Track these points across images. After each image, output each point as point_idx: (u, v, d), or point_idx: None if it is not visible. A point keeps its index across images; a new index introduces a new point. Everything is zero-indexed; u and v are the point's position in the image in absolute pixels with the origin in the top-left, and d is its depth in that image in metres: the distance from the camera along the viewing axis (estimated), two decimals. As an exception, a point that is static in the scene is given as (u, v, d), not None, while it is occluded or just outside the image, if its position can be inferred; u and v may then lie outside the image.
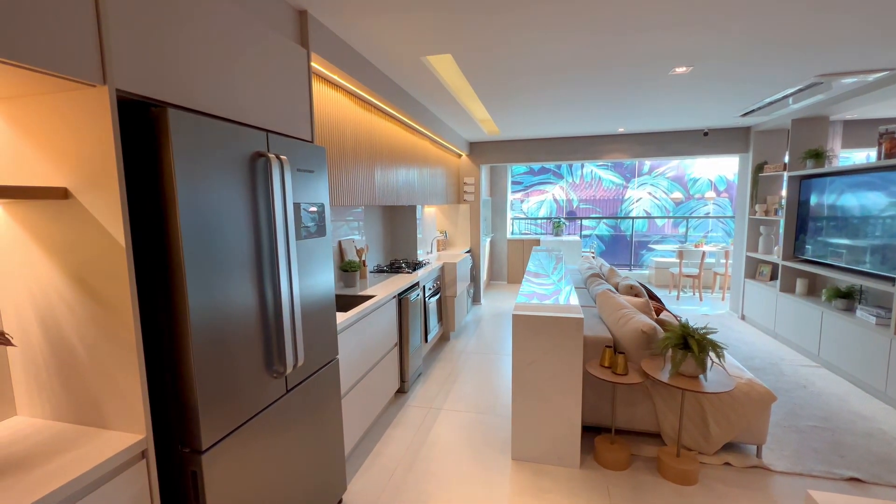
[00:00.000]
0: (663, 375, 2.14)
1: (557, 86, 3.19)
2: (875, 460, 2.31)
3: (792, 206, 4.29)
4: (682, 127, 5.03)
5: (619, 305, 2.71)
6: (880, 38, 2.34)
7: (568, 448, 2.29)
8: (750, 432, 2.33)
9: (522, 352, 2.28)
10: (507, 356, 3.98)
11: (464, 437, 2.61)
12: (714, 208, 7.75)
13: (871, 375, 3.09)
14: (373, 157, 2.99)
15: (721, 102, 3.82)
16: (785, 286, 4.34)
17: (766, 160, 4.84)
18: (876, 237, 3.26)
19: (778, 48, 2.48)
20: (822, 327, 3.66)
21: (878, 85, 3.13)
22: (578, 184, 8.22)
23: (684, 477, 2.16)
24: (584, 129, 5.09)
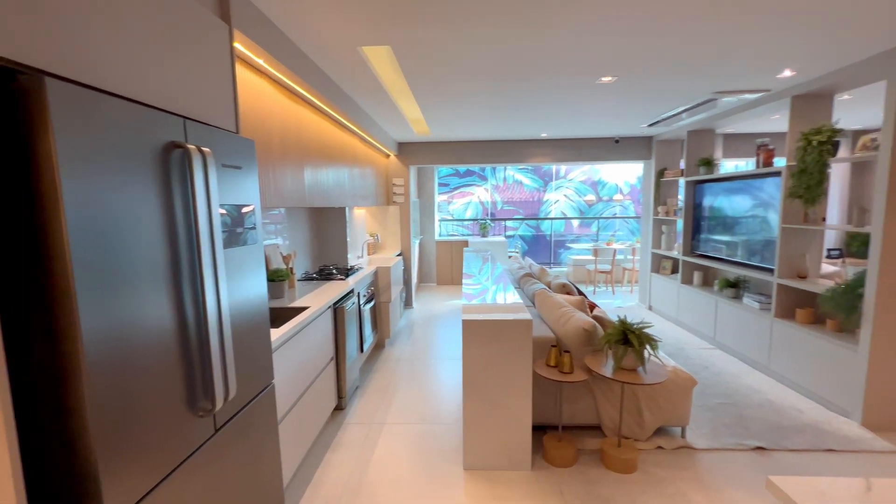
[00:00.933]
0: (606, 371, 2.23)
1: (493, 86, 3.20)
2: (771, 429, 2.66)
3: (688, 207, 4.85)
4: (598, 134, 5.43)
5: (559, 304, 2.79)
6: (763, 65, 2.71)
7: (520, 451, 2.28)
8: (676, 416, 2.54)
9: (473, 357, 2.22)
10: (446, 360, 3.91)
11: (412, 452, 2.48)
12: (619, 209, 8.54)
13: (757, 353, 3.59)
14: (302, 154, 2.72)
15: (633, 113, 4.17)
16: (685, 278, 4.89)
17: (666, 166, 5.42)
18: (754, 234, 3.79)
19: (686, 67, 2.74)
20: (716, 314, 4.18)
21: (755, 104, 3.65)
22: (502, 186, 8.50)
23: (626, 465, 2.27)
24: (511, 133, 5.24)
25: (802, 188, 3.08)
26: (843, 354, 2.78)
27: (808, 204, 3.10)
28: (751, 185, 3.86)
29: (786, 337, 3.26)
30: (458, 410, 2.96)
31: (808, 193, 3.06)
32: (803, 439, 2.53)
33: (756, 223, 3.78)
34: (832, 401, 2.87)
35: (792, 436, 2.57)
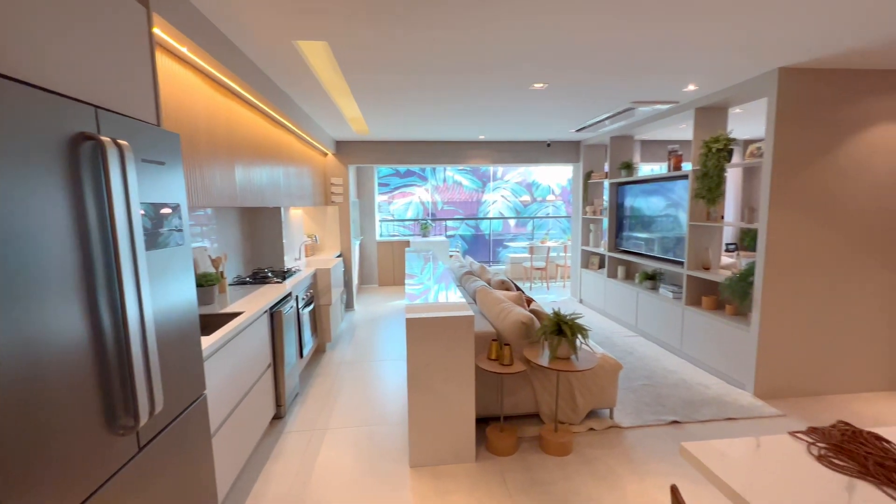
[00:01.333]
0: (543, 360, 2.36)
1: (433, 88, 3.25)
2: (684, 404, 2.98)
3: (612, 207, 5.26)
4: (532, 138, 5.70)
5: (499, 300, 2.90)
6: (671, 79, 3.03)
7: (464, 444, 2.35)
8: (605, 399, 2.76)
9: (417, 355, 2.24)
10: (389, 361, 3.89)
11: (357, 456, 2.44)
12: (552, 209, 9.03)
13: (671, 338, 3.99)
14: (233, 151, 2.56)
15: (563, 118, 4.45)
16: (610, 273, 5.30)
17: (592, 169, 5.84)
18: (668, 231, 4.22)
19: (608, 78, 2.99)
20: (637, 304, 4.59)
21: (666, 114, 4.06)
22: (441, 187, 8.61)
23: (562, 449, 2.42)
24: (450, 135, 5.34)
25: (705, 190, 3.49)
26: (738, 335, 3.20)
27: (709, 204, 3.51)
28: (664, 186, 4.29)
29: (694, 322, 3.67)
30: (402, 411, 2.97)
31: (709, 194, 3.47)
32: (709, 411, 2.87)
33: (669, 221, 4.21)
34: (731, 376, 3.28)
35: (700, 409, 2.90)
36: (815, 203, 2.92)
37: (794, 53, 2.55)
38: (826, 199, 2.92)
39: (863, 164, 2.92)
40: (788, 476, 1.09)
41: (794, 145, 2.86)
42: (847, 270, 3.00)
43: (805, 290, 2.99)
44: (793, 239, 2.93)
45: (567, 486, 2.16)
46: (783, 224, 2.92)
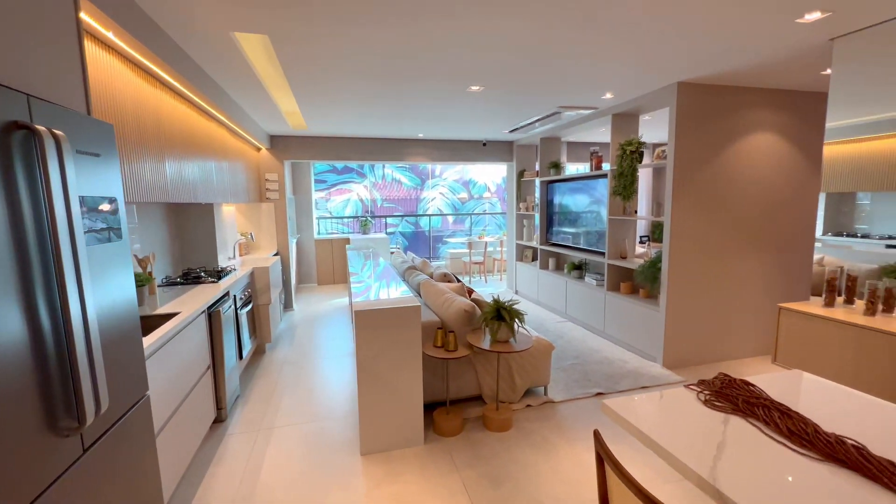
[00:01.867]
0: (485, 344, 2.55)
1: (373, 86, 3.30)
2: (606, 378, 3.35)
3: (543, 204, 5.66)
4: (469, 137, 5.93)
5: (442, 291, 3.05)
6: (591, 88, 3.38)
7: (413, 429, 2.46)
8: (539, 378, 3.02)
9: (367, 346, 2.32)
10: (332, 359, 3.88)
11: (306, 451, 2.46)
12: (488, 206, 9.41)
13: (596, 321, 4.43)
14: (162, 143, 2.43)
15: (497, 120, 4.70)
16: (542, 264, 5.70)
17: (525, 168, 6.21)
18: (591, 225, 4.66)
19: (537, 84, 3.25)
20: (566, 292, 5.00)
21: (588, 118, 4.48)
22: (381, 184, 8.59)
23: (503, 425, 2.63)
24: (390, 132, 5.39)
25: (621, 188, 3.92)
26: (650, 315, 3.65)
27: (625, 200, 3.95)
28: (588, 185, 4.72)
29: (614, 306, 4.11)
30: (349, 404, 3.01)
31: (624, 192, 3.90)
32: (627, 382, 3.26)
33: (592, 216, 4.64)
34: (645, 351, 3.74)
35: (620, 381, 3.29)
36: (708, 198, 3.43)
37: (689, 70, 2.98)
38: (715, 194, 3.44)
39: (742, 164, 3.48)
40: (682, 417, 1.35)
41: (691, 149, 3.33)
42: (732, 255, 3.56)
43: (701, 274, 3.49)
44: (691, 230, 3.42)
45: (508, 456, 2.36)
46: (683, 217, 3.39)
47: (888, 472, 1.01)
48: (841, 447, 1.11)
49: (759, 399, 1.38)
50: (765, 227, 3.61)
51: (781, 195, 3.61)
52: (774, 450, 1.16)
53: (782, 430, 1.23)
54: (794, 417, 1.27)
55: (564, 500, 2.01)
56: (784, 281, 3.74)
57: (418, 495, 2.06)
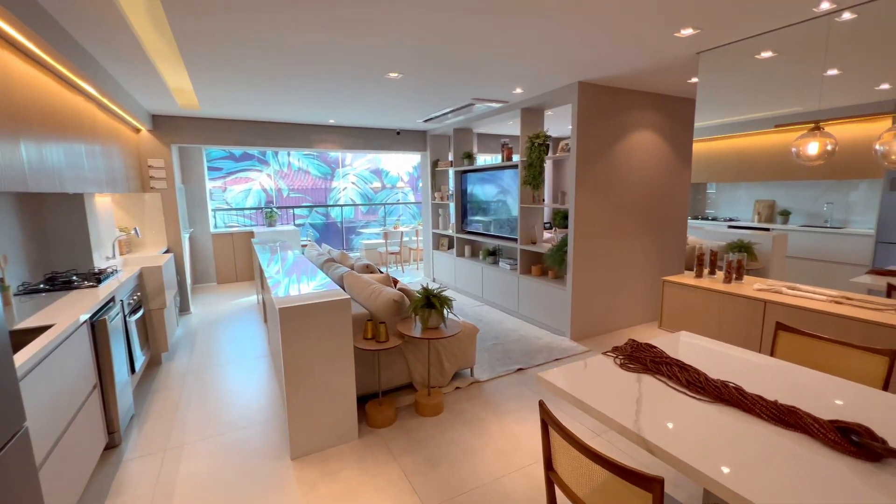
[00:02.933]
0: (416, 332, 2.58)
1: (282, 66, 3.06)
2: (524, 354, 3.62)
3: (457, 193, 5.82)
4: (383, 125, 5.81)
5: (368, 283, 2.99)
6: (503, 82, 3.55)
7: (347, 424, 2.40)
8: (466, 360, 3.15)
9: (294, 344, 2.19)
10: (244, 362, 3.58)
11: (227, 463, 2.25)
12: (401, 196, 9.36)
13: (511, 303, 4.73)
14: (15, 120, 1.96)
15: (413, 109, 4.69)
16: (458, 252, 5.88)
17: (439, 158, 6.31)
18: (504, 213, 4.94)
19: (454, 75, 3.32)
20: (482, 277, 5.24)
21: (499, 111, 4.69)
22: (287, 172, 8.00)
23: (435, 409, 2.70)
24: (298, 117, 5.03)
25: (531, 177, 4.21)
26: (558, 294, 4.01)
27: (534, 189, 4.25)
28: (499, 175, 4.97)
29: (527, 288, 4.43)
30: (271, 407, 2.82)
31: (534, 181, 4.20)
32: (542, 356, 3.56)
33: (505, 205, 4.91)
34: (555, 327, 4.11)
35: (536, 356, 3.58)
36: (604, 186, 3.85)
37: (589, 71, 3.30)
38: (610, 183, 3.89)
39: (630, 157, 3.97)
40: (605, 381, 1.53)
41: (590, 142, 3.71)
42: (624, 236, 4.06)
43: (600, 254, 3.94)
44: (591, 215, 3.82)
45: (443, 438, 2.44)
46: (585, 204, 3.77)
47: (759, 404, 1.28)
48: (725, 390, 1.37)
49: (661, 358, 1.63)
50: (649, 212, 4.19)
51: (661, 184, 4.21)
52: (678, 399, 1.39)
53: (682, 381, 1.47)
54: (690, 370, 1.52)
55: (498, 469, 2.15)
56: (664, 257, 4.39)
57: (359, 490, 2.03)
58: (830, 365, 1.72)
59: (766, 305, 2.39)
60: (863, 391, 1.42)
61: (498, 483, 2.06)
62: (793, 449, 1.12)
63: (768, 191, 6.66)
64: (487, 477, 2.11)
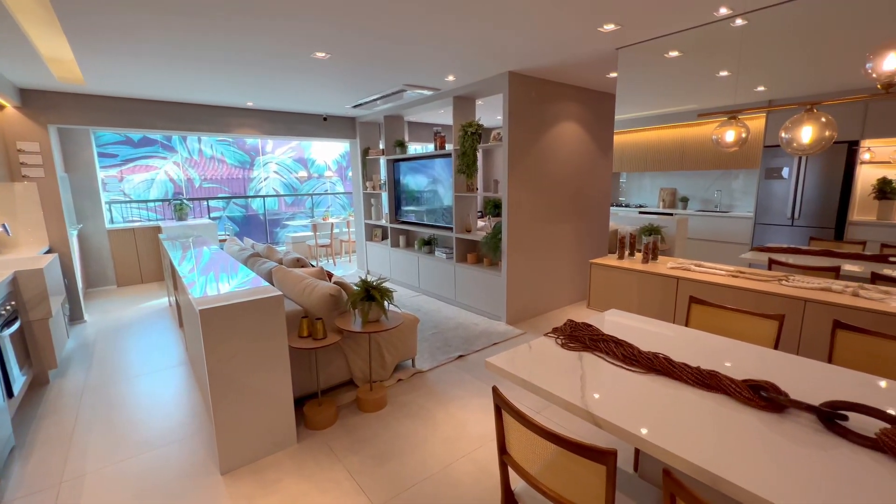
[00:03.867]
0: (356, 327, 2.47)
1: (189, 37, 2.71)
2: (463, 341, 3.66)
3: (390, 182, 5.69)
4: (308, 110, 5.46)
5: (300, 277, 2.80)
6: (435, 69, 3.50)
7: (284, 430, 2.25)
8: (407, 351, 3.11)
9: (219, 349, 1.98)
10: (156, 373, 3.19)
11: (143, 490, 1.99)
12: (330, 186, 8.95)
13: (448, 291, 4.76)
14: None
15: (341, 93, 4.45)
16: (393, 243, 5.78)
17: (369, 146, 6.10)
18: (439, 202, 4.93)
19: (385, 59, 3.19)
20: (419, 267, 5.21)
21: (431, 99, 4.64)
22: (198, 161, 7.22)
23: (378, 404, 2.63)
24: (209, 97, 4.53)
25: (464, 166, 4.24)
26: (493, 280, 4.12)
27: (468, 178, 4.29)
28: (433, 164, 4.94)
29: (463, 276, 4.49)
30: (195, 420, 2.54)
31: (467, 170, 4.23)
32: (481, 341, 3.63)
33: (439, 194, 4.89)
34: (492, 312, 4.22)
35: (475, 342, 3.64)
36: (534, 175, 4.00)
37: (517, 62, 3.36)
38: (540, 172, 4.04)
39: (558, 147, 4.16)
40: (549, 361, 1.58)
41: (521, 132, 3.81)
42: (553, 222, 4.27)
43: (532, 240, 4.09)
44: (523, 203, 3.95)
45: (388, 433, 2.38)
46: (517, 192, 3.88)
47: (686, 371, 1.40)
48: (656, 361, 1.48)
49: (598, 336, 1.72)
50: (576, 200, 4.43)
51: (586, 173, 4.47)
52: (616, 372, 1.48)
53: (618, 356, 1.57)
54: (624, 345, 1.63)
55: (446, 457, 2.16)
56: (590, 242, 4.69)
57: (301, 498, 1.91)
58: (733, 330, 1.95)
59: (678, 282, 2.65)
60: (761, 351, 1.63)
61: (447, 471, 2.07)
62: (715, 408, 1.24)
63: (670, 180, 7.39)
64: (436, 466, 2.10)
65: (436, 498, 1.90)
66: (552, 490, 1.16)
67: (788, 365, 1.51)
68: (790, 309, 2.23)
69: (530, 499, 1.34)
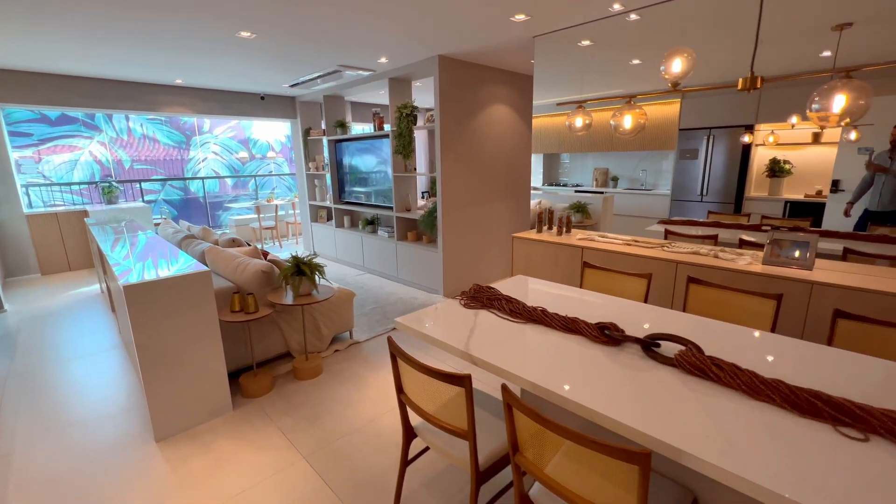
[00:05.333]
0: (288, 300, 2.61)
1: (97, 9, 2.63)
2: (401, 314, 3.89)
3: (333, 163, 5.72)
4: (243, 89, 5.33)
5: (233, 256, 2.88)
6: (369, 50, 3.59)
7: (218, 399, 2.38)
8: (344, 324, 3.29)
9: (147, 325, 2.06)
10: (88, 356, 3.18)
11: (77, 462, 2.07)
12: (274, 167, 8.75)
13: (390, 269, 4.95)
14: None
15: (276, 72, 4.41)
16: (338, 223, 5.85)
17: (311, 126, 6.06)
18: (380, 183, 5.05)
19: (317, 39, 3.24)
20: (363, 247, 5.34)
21: (368, 80, 4.70)
22: (128, 140, 6.82)
23: (314, 372, 2.81)
24: (132, 73, 4.34)
25: (401, 147, 4.38)
26: (431, 256, 4.34)
27: (405, 158, 4.44)
28: (374, 144, 5.03)
29: (404, 253, 4.68)
30: (130, 396, 2.61)
31: (404, 150, 4.38)
32: (419, 314, 3.87)
33: (380, 174, 5.01)
34: (430, 287, 4.46)
35: (413, 314, 3.87)
36: (466, 156, 4.21)
37: (447, 46, 3.52)
38: (471, 153, 4.26)
39: (487, 129, 4.39)
40: (449, 318, 1.83)
41: (452, 114, 3.99)
42: (485, 200, 4.53)
43: (466, 217, 4.34)
44: (457, 182, 4.17)
45: (322, 396, 2.58)
46: (451, 172, 4.09)
47: (556, 320, 1.69)
48: (535, 313, 1.76)
49: (495, 295, 1.99)
50: (504, 178, 4.71)
51: (512, 154, 4.75)
52: (503, 324, 1.74)
53: (507, 311, 1.84)
54: (514, 302, 1.90)
55: (373, 415, 2.38)
56: (518, 218, 5.01)
57: (235, 455, 2.07)
58: (615, 289, 2.29)
59: (583, 251, 2.99)
60: (631, 304, 1.95)
61: (372, 424, 2.30)
62: (573, 346, 1.53)
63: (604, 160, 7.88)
64: (363, 421, 2.33)
65: (360, 447, 2.13)
66: (440, 420, 1.41)
67: (645, 313, 1.84)
68: (666, 270, 2.62)
69: (427, 431, 1.59)
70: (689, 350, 1.36)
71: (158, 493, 1.85)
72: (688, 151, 6.08)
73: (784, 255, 2.32)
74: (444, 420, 1.40)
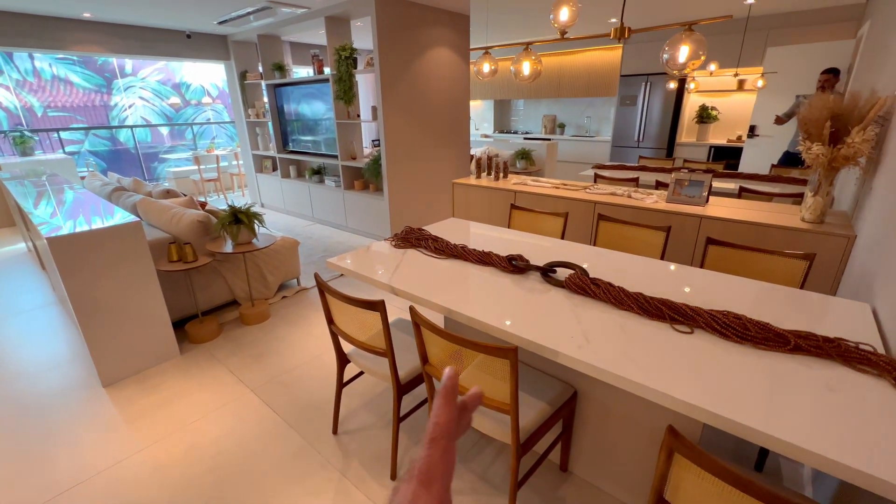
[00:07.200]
0: (227, 249, 2.65)
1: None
2: (351, 261, 4.00)
3: (273, 109, 5.46)
4: (167, 25, 4.86)
5: (167, 207, 2.84)
6: (298, -17, 3.37)
7: (164, 345, 2.46)
8: (291, 272, 3.37)
9: (78, 276, 2.07)
10: (21, 314, 3.11)
11: (22, 411, 2.13)
12: (213, 114, 8.19)
13: (338, 218, 4.98)
14: None
15: (199, 6, 4.06)
16: (283, 173, 5.70)
17: (247, 69, 5.68)
18: (325, 132, 4.93)
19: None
20: (310, 197, 5.30)
21: (306, 17, 4.43)
22: (38, 84, 6.11)
23: (261, 317, 2.92)
24: (27, 5, 3.84)
25: (342, 92, 4.26)
26: (378, 204, 4.41)
27: (347, 104, 4.34)
28: (316, 89, 4.83)
29: (351, 202, 4.71)
30: (72, 348, 2.63)
31: (345, 96, 4.27)
32: (367, 260, 4.00)
33: (327, 121, 4.87)
34: (378, 234, 4.57)
35: (361, 261, 4.00)
36: (409, 102, 4.18)
37: (380, -17, 3.37)
38: (415, 98, 4.23)
39: (431, 73, 4.33)
40: (378, 258, 1.97)
41: (392, 57, 3.90)
42: (428, 147, 4.57)
43: (409, 164, 4.39)
44: (399, 129, 4.16)
45: (268, 338, 2.71)
46: (393, 119, 4.07)
47: (472, 255, 1.87)
48: (455, 250, 1.94)
49: (424, 236, 2.14)
50: (446, 125, 4.73)
51: (455, 100, 4.74)
52: (428, 261, 1.91)
53: (432, 249, 2.00)
54: (439, 241, 2.06)
55: (317, 351, 2.56)
56: (460, 164, 5.10)
57: (183, 393, 2.20)
58: (536, 227, 2.51)
59: (515, 195, 3.18)
60: (545, 240, 2.17)
61: (316, 359, 2.48)
62: (485, 276, 1.73)
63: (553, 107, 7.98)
64: (307, 357, 2.51)
65: (305, 378, 2.32)
66: (365, 343, 1.59)
67: (557, 247, 2.06)
68: (586, 209, 2.86)
69: (357, 356, 1.78)
70: (577, 273, 1.59)
71: (109, 428, 1.97)
72: (627, 98, 6.30)
73: (684, 193, 2.60)
74: (368, 343, 1.58)
